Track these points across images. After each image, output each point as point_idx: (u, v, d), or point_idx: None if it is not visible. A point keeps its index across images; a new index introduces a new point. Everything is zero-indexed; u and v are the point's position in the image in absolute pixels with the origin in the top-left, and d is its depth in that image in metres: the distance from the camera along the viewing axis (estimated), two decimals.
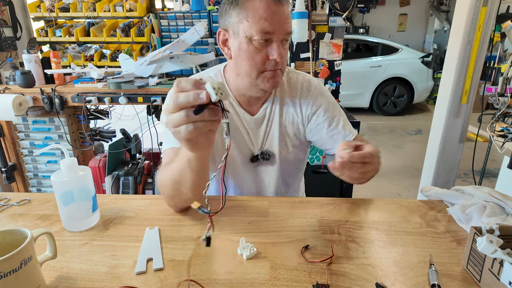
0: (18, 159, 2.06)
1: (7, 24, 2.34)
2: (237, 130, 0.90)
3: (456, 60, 1.84)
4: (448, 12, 6.75)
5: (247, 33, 0.75)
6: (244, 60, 0.79)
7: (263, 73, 0.80)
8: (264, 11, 0.74)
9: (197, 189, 0.69)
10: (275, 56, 0.76)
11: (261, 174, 0.95)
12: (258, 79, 0.80)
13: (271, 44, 0.77)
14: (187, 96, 0.47)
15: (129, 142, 2.01)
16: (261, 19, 0.74)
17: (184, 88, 0.48)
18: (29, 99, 1.81)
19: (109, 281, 0.54)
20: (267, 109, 0.91)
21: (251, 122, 0.90)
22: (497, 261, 0.48)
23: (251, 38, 0.75)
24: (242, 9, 0.75)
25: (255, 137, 0.91)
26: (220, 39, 0.82)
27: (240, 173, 0.93)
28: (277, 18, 0.75)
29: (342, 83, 2.18)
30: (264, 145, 0.92)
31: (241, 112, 0.90)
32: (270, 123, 0.92)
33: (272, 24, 0.74)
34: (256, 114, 0.91)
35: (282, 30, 0.76)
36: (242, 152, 0.91)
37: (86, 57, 2.38)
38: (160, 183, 0.73)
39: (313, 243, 0.64)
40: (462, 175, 3.23)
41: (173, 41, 1.79)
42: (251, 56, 0.77)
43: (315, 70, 2.10)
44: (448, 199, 0.80)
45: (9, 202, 0.81)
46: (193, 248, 0.63)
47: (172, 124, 0.50)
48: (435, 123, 2.07)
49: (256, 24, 0.74)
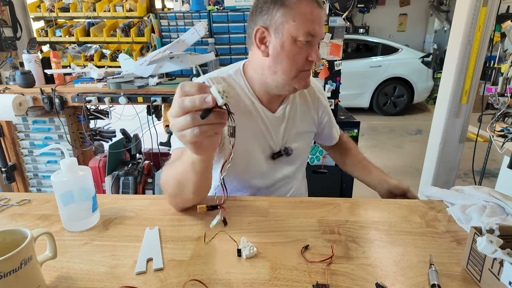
0: (18, 159, 2.06)
1: (7, 24, 2.34)
2: (257, 127, 0.91)
3: (456, 60, 1.84)
4: (448, 12, 6.75)
5: (292, 34, 0.78)
6: (285, 59, 0.81)
7: (300, 73, 0.83)
8: (311, 14, 0.78)
9: (198, 191, 0.70)
10: (314, 58, 0.81)
11: (279, 169, 0.98)
12: (294, 78, 0.83)
13: (312, 46, 0.81)
14: (192, 100, 0.47)
15: (129, 142, 2.01)
16: (308, 21, 0.78)
17: (188, 92, 0.49)
18: (29, 99, 1.81)
19: (109, 281, 0.54)
20: (286, 108, 0.95)
21: (272, 120, 0.93)
22: (497, 261, 0.48)
23: (295, 38, 0.79)
24: (289, 10, 0.78)
25: (276, 134, 0.94)
26: (258, 37, 0.83)
27: (259, 167, 0.94)
28: (320, 22, 0.80)
29: (342, 83, 2.18)
30: (285, 142, 0.96)
31: (263, 109, 0.91)
32: (290, 121, 0.95)
33: (317, 27, 0.79)
34: (276, 112, 0.93)
35: (321, 34, 0.81)
36: (262, 149, 0.93)
37: (86, 57, 2.38)
38: (163, 181, 0.73)
39: (313, 243, 0.64)
40: (462, 175, 3.24)
41: (173, 41, 1.79)
42: (293, 56, 0.80)
43: (315, 70, 2.10)
44: (448, 199, 0.80)
45: (9, 202, 0.81)
46: (193, 248, 0.63)
47: (177, 128, 0.50)
48: (435, 123, 2.07)
49: (303, 25, 0.78)
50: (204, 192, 0.75)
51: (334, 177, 2.18)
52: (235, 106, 0.88)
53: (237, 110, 0.89)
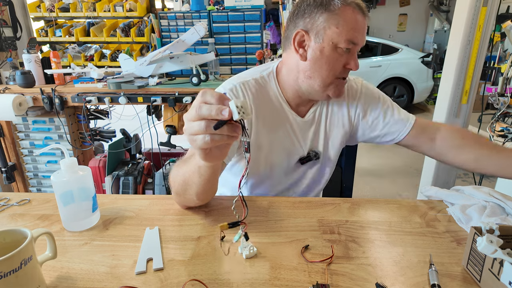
0: (18, 159, 2.06)
1: (7, 24, 2.34)
2: (286, 129, 0.91)
3: (456, 60, 1.84)
4: (448, 12, 6.75)
5: (334, 40, 0.77)
6: (324, 65, 0.80)
7: (336, 80, 0.82)
8: (355, 22, 0.77)
9: (202, 194, 0.70)
10: (353, 66, 0.80)
11: (306, 173, 0.97)
12: (330, 85, 0.83)
13: (351, 55, 0.80)
14: (210, 109, 0.48)
15: (129, 142, 2.01)
16: (352, 29, 0.77)
17: (208, 101, 0.49)
18: (29, 99, 1.81)
19: (109, 281, 0.54)
20: (316, 112, 0.93)
21: (301, 124, 0.92)
22: (497, 261, 0.48)
23: (336, 45, 0.78)
24: (333, 16, 0.77)
25: (304, 138, 0.93)
26: (297, 40, 0.82)
27: (285, 171, 0.94)
28: (363, 31, 0.79)
29: None
30: (314, 145, 0.95)
31: (292, 113, 0.90)
32: (318, 126, 0.94)
33: (359, 35, 0.78)
34: (305, 116, 0.92)
35: (363, 42, 0.80)
36: (289, 152, 0.93)
37: (86, 57, 2.38)
38: (171, 177, 0.73)
39: (313, 243, 0.64)
40: (462, 175, 3.23)
41: (173, 41, 1.79)
42: (332, 62, 0.80)
43: None
44: (448, 199, 0.80)
45: (9, 202, 0.81)
46: (193, 248, 0.63)
47: (190, 131, 0.50)
48: None
49: (346, 33, 0.77)
50: (208, 196, 0.75)
51: (334, 177, 2.17)
52: (263, 109, 0.87)
53: (268, 114, 0.88)
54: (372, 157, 3.78)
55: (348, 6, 0.77)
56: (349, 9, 0.76)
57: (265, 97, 0.88)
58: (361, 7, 0.78)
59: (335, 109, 0.95)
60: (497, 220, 0.67)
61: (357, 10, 0.77)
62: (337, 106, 0.95)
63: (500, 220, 0.67)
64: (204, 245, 0.64)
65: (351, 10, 0.76)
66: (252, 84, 0.87)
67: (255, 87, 0.87)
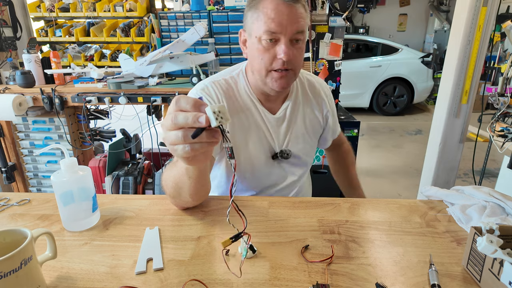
0: (18, 159, 2.06)
1: (7, 24, 2.34)
2: (259, 127, 0.92)
3: (456, 60, 1.84)
4: (448, 12, 6.75)
5: (257, 34, 0.79)
6: (255, 59, 0.82)
7: (271, 73, 0.82)
8: (271, 11, 0.76)
9: (196, 194, 0.70)
10: (282, 55, 0.78)
11: (282, 170, 0.98)
12: (267, 77, 0.83)
13: (279, 44, 0.79)
14: (186, 117, 0.46)
15: (129, 142, 2.01)
16: (269, 19, 0.76)
17: (183, 108, 0.47)
18: (29, 99, 1.81)
19: (109, 281, 0.54)
20: (287, 109, 0.94)
21: (272, 121, 0.93)
22: (497, 261, 0.48)
23: (260, 38, 0.79)
24: (255, 11, 0.79)
25: (276, 135, 0.94)
26: (241, 40, 0.88)
27: (262, 169, 0.94)
28: (285, 18, 0.76)
29: (342, 83, 2.18)
30: (285, 144, 0.95)
31: (263, 110, 0.92)
32: (291, 123, 0.95)
33: (278, 24, 0.76)
34: (277, 113, 0.93)
35: (290, 29, 0.77)
36: (263, 149, 0.93)
37: (86, 57, 2.38)
38: (163, 181, 0.73)
39: (313, 243, 0.64)
40: (462, 175, 3.24)
41: (173, 41, 1.79)
42: (260, 55, 0.80)
43: (315, 70, 2.10)
44: (448, 199, 0.80)
45: (9, 202, 0.81)
46: (193, 248, 0.63)
47: (169, 141, 0.49)
48: (435, 123, 2.07)
49: (264, 24, 0.77)
50: (202, 195, 0.75)
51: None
52: (238, 108, 0.89)
53: (240, 112, 0.90)
54: (372, 157, 3.78)
55: None
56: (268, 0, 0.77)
57: (237, 96, 0.91)
58: None
59: (309, 108, 0.98)
60: (497, 220, 0.67)
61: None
62: (312, 106, 0.99)
63: (500, 220, 0.67)
64: (204, 245, 0.64)
65: (268, 1, 0.76)
66: (223, 83, 0.90)
67: (225, 86, 0.90)
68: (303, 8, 0.79)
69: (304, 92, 0.98)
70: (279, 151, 0.94)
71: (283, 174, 0.98)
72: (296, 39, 0.79)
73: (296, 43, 0.80)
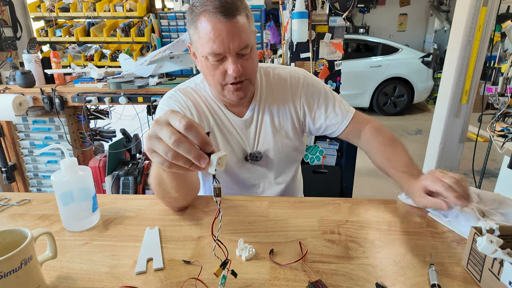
0: (18, 159, 2.06)
1: (7, 24, 2.34)
2: (229, 130, 0.92)
3: (456, 60, 1.84)
4: (448, 12, 6.75)
5: (202, 53, 0.77)
6: (208, 76, 0.82)
7: (227, 86, 0.81)
8: (210, 31, 0.72)
9: (180, 190, 0.69)
10: (231, 72, 0.76)
11: (256, 171, 0.97)
12: (224, 91, 0.82)
13: (226, 61, 0.76)
14: (188, 151, 0.45)
15: (129, 142, 2.01)
16: (209, 41, 0.73)
17: (178, 128, 0.45)
18: (29, 99, 1.81)
19: (109, 281, 0.54)
20: (254, 110, 0.93)
21: (240, 124, 0.92)
22: (497, 261, 0.48)
23: (206, 57, 0.77)
24: (195, 30, 0.76)
25: (246, 137, 0.93)
26: (191, 52, 0.85)
27: (236, 171, 0.94)
28: (226, 36, 0.72)
29: (342, 83, 2.18)
30: (256, 145, 0.94)
31: (230, 115, 0.92)
32: (260, 124, 0.93)
33: (220, 44, 0.73)
34: (244, 116, 0.92)
35: (233, 47, 0.74)
36: (236, 152, 0.93)
37: (86, 57, 2.38)
38: (150, 184, 0.73)
39: (313, 243, 0.64)
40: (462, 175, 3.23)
41: (173, 41, 1.79)
42: (211, 72, 0.79)
43: (315, 70, 2.10)
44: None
45: (9, 202, 0.81)
46: (193, 248, 0.63)
47: (152, 150, 0.47)
48: (435, 123, 2.07)
49: (206, 45, 0.74)
50: (190, 191, 0.75)
51: (334, 177, 2.18)
52: (205, 113, 0.90)
53: (210, 117, 0.90)
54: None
55: (203, 14, 0.72)
56: (203, 19, 0.72)
57: (204, 102, 0.91)
58: (219, 9, 0.71)
59: (280, 105, 0.94)
60: (496, 215, 0.67)
61: (213, 15, 0.71)
62: (281, 102, 0.94)
63: (500, 216, 0.67)
64: (204, 245, 0.64)
65: (205, 19, 0.72)
66: (189, 91, 0.92)
67: (191, 94, 0.91)
68: (244, 17, 0.74)
69: (270, 90, 0.93)
70: (249, 153, 0.94)
71: (258, 175, 0.97)
72: (242, 54, 0.76)
73: (244, 56, 0.77)
